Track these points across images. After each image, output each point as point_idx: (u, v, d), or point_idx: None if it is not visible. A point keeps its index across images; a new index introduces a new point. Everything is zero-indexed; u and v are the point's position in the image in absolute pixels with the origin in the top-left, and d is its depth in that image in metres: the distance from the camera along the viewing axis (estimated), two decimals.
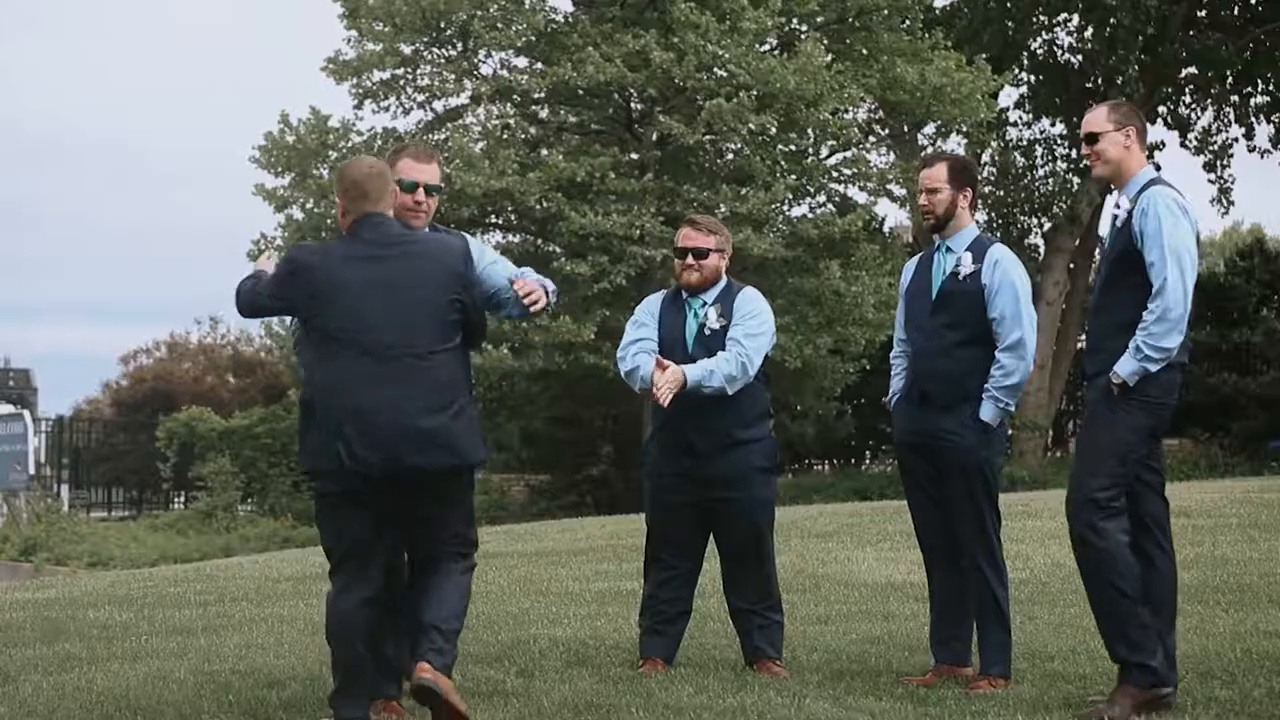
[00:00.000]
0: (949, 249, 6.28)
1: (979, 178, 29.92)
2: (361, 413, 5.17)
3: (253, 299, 5.47)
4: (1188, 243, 5.43)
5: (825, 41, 24.01)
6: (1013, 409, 6.26)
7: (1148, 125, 5.53)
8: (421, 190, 5.72)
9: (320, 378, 5.31)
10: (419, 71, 24.98)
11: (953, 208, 6.26)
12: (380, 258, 5.29)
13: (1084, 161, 6.21)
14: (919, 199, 6.38)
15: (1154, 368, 5.40)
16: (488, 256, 5.98)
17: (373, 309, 5.22)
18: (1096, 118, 5.69)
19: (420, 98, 25.31)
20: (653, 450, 6.71)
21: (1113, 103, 5.86)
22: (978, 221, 6.56)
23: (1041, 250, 30.13)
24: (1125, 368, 5.42)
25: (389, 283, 5.25)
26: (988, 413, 6.11)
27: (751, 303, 6.60)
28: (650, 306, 6.79)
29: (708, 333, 6.56)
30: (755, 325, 6.50)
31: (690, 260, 6.57)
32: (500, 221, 25.09)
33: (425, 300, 5.28)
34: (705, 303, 6.62)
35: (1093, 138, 5.67)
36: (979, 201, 6.79)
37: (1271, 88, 30.43)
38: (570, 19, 24.80)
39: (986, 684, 6.01)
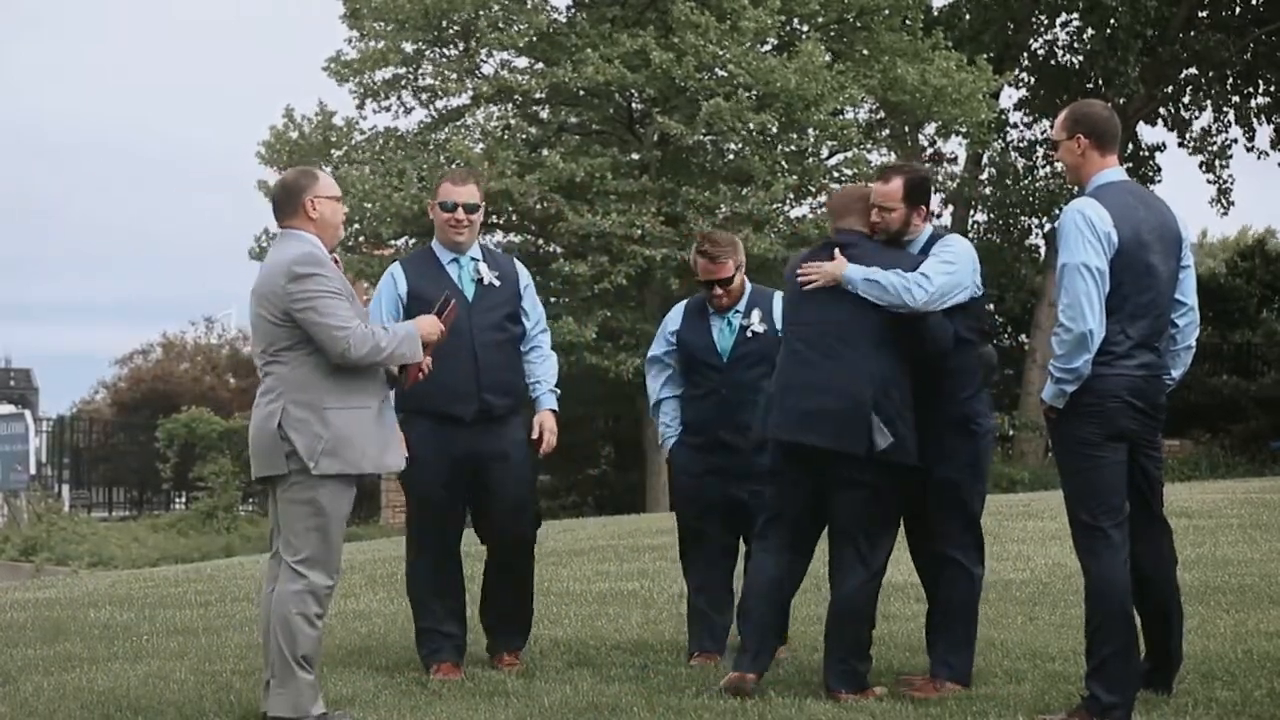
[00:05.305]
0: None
1: (978, 178, 30.12)
2: (786, 392, 5.88)
3: None
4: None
5: (825, 41, 24.00)
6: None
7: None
8: (461, 210, 6.50)
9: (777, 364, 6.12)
10: (420, 71, 24.99)
11: (905, 226, 6.09)
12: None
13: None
14: (872, 214, 6.08)
15: (1069, 388, 5.38)
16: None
17: (811, 306, 5.92)
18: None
19: (422, 97, 25.33)
20: (682, 450, 6.81)
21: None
22: (978, 222, 6.56)
23: (1042, 250, 30.11)
24: (1046, 392, 5.49)
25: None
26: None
27: None
28: (667, 333, 6.92)
29: (750, 335, 6.71)
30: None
31: (718, 290, 6.72)
32: (500, 222, 25.09)
33: (856, 302, 5.83)
34: (739, 311, 6.77)
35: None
36: (980, 202, 6.77)
37: (1272, 88, 30.43)
38: (569, 19, 24.80)
39: (932, 687, 5.85)
